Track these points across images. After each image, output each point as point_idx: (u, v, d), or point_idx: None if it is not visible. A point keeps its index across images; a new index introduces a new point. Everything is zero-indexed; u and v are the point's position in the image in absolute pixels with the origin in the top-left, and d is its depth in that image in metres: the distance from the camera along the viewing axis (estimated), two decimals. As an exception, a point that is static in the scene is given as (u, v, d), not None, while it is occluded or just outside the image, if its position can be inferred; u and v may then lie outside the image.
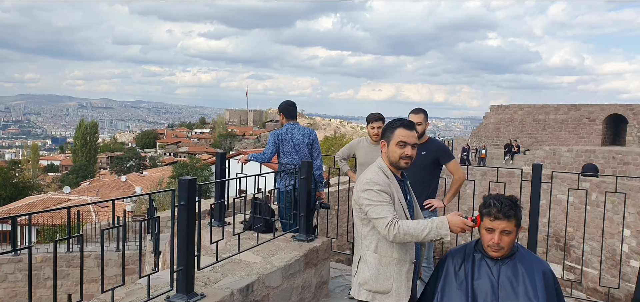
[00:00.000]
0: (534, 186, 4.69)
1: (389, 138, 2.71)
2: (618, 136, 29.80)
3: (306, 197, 4.67)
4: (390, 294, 2.61)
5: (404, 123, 2.71)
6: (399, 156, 2.66)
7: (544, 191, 4.79)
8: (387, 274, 2.62)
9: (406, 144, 2.65)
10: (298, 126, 5.40)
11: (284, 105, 5.48)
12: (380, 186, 2.59)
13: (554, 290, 2.41)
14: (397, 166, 2.71)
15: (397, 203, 2.63)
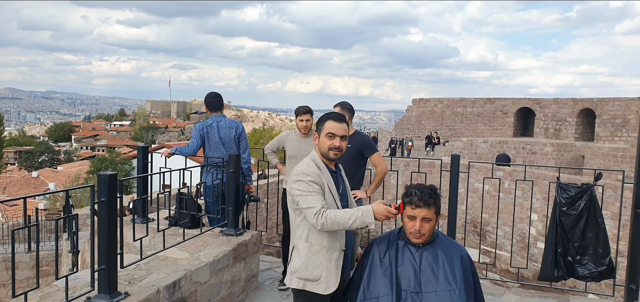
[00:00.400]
0: (452, 176, 4.94)
1: (320, 130, 2.79)
2: (527, 128, 32.02)
3: (234, 191, 4.63)
4: (320, 281, 2.66)
5: (334, 116, 2.79)
6: (328, 147, 2.74)
7: (461, 180, 5.05)
8: (317, 262, 2.68)
9: (335, 135, 2.73)
10: (224, 118, 5.29)
11: (208, 97, 5.35)
12: (311, 176, 2.66)
13: (470, 272, 2.58)
14: (328, 157, 2.78)
15: (328, 193, 2.70)
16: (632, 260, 4.61)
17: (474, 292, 2.56)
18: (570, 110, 28.15)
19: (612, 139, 25.62)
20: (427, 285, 2.48)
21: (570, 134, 27.77)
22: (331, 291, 2.67)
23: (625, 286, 4.70)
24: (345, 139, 2.78)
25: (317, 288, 2.67)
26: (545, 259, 4.73)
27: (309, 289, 2.69)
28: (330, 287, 2.67)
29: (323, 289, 2.67)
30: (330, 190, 2.73)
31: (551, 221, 4.72)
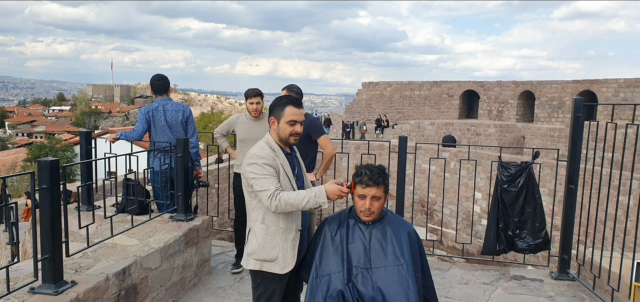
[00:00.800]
0: (400, 157, 5.07)
1: (278, 116, 2.78)
2: (472, 110, 33.11)
3: (183, 176, 4.57)
4: (277, 262, 2.70)
5: (293, 101, 2.79)
6: (289, 133, 2.76)
7: (409, 161, 5.20)
8: (274, 243, 2.71)
9: (296, 122, 2.76)
10: (170, 102, 5.13)
11: (154, 79, 5.18)
12: (265, 159, 2.67)
13: (417, 248, 2.69)
14: (287, 143, 2.80)
15: (283, 176, 2.72)
16: (565, 232, 4.92)
17: (421, 266, 2.67)
18: (512, 93, 29.31)
19: (550, 120, 26.95)
20: (377, 261, 2.57)
21: (512, 116, 28.95)
22: (288, 270, 2.72)
23: (558, 256, 5.02)
24: (303, 123, 2.81)
25: (275, 268, 2.71)
26: (487, 234, 4.97)
27: (266, 269, 2.72)
28: (288, 267, 2.71)
29: (280, 268, 2.71)
30: (285, 172, 2.75)
31: (493, 197, 4.95)
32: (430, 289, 2.79)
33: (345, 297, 2.51)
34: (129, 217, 4.31)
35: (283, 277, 2.78)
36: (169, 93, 5.22)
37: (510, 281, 4.91)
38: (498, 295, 4.56)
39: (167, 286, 4.02)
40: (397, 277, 2.51)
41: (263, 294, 2.80)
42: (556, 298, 4.49)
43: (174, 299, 4.14)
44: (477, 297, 4.49)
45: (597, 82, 25.08)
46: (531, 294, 4.58)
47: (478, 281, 4.88)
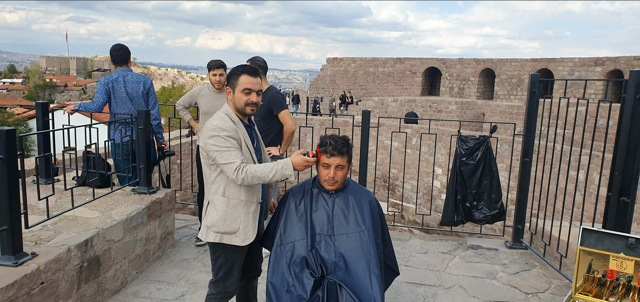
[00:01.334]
0: (363, 131, 5.16)
1: (234, 85, 2.72)
2: (434, 87, 33.65)
3: (145, 148, 4.52)
4: (238, 234, 2.69)
5: (248, 70, 2.72)
6: (244, 102, 2.70)
7: (372, 137, 5.30)
8: (235, 215, 2.69)
9: (251, 90, 2.69)
10: (131, 73, 5.00)
11: (113, 49, 5.03)
12: (227, 131, 2.63)
13: (378, 215, 2.79)
14: (243, 113, 2.74)
15: (245, 148, 2.69)
16: (519, 203, 5.15)
17: (382, 233, 2.78)
18: (473, 70, 29.92)
19: (509, 98, 27.71)
20: (339, 228, 2.65)
21: (472, 93, 29.60)
22: (249, 242, 2.72)
23: (513, 226, 5.25)
24: (260, 93, 2.76)
25: (235, 240, 2.70)
26: (446, 206, 5.15)
27: (227, 241, 2.71)
28: (248, 239, 2.71)
29: (241, 240, 2.70)
30: (246, 144, 2.72)
31: (452, 170, 5.12)
32: (391, 255, 2.90)
33: (309, 263, 2.59)
34: (90, 191, 4.25)
35: (243, 249, 2.79)
36: (129, 64, 5.10)
37: (467, 250, 5.12)
38: (455, 263, 4.75)
39: (131, 258, 4.01)
40: (358, 243, 2.60)
41: (223, 266, 2.80)
42: (509, 265, 4.72)
43: (137, 271, 4.14)
44: (436, 266, 4.67)
45: (554, 60, 25.88)
46: (486, 262, 4.79)
47: (437, 251, 5.07)
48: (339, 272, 2.54)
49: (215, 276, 2.85)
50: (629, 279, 2.78)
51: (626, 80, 3.42)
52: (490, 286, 4.25)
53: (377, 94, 32.51)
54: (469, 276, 4.44)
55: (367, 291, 2.46)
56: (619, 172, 3.49)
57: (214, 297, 2.88)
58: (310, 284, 2.49)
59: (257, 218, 2.75)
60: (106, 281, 3.66)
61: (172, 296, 3.83)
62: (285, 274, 2.56)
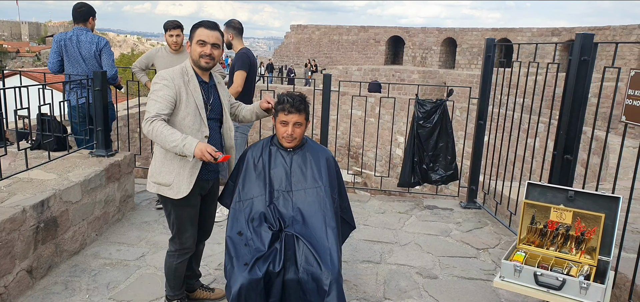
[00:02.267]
0: (324, 94, 5.22)
1: (191, 37, 2.71)
2: (397, 56, 33.90)
3: (102, 110, 4.45)
4: (171, 187, 2.68)
5: (206, 23, 2.70)
6: (198, 54, 2.66)
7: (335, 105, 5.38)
8: (170, 168, 2.68)
9: (206, 42, 2.65)
10: (86, 32, 4.82)
11: (74, 6, 4.88)
12: (166, 80, 2.60)
13: (335, 172, 2.88)
14: (199, 66, 2.69)
15: (190, 105, 2.64)
16: (473, 164, 5.36)
17: (338, 188, 2.87)
18: (435, 40, 30.26)
19: (470, 67, 28.25)
20: (297, 184, 2.73)
21: (434, 62, 30.01)
22: (182, 196, 2.68)
23: (467, 186, 5.47)
24: (217, 47, 2.70)
25: (169, 193, 2.69)
26: (403, 168, 5.31)
27: (162, 193, 2.72)
28: (181, 193, 2.68)
29: (174, 193, 2.68)
30: (195, 101, 2.66)
31: (409, 134, 5.26)
32: (347, 209, 3.01)
33: (267, 218, 2.66)
34: (46, 154, 4.18)
35: (189, 204, 2.76)
36: (89, 23, 4.92)
37: (423, 210, 5.31)
38: (411, 222, 4.93)
39: (90, 220, 3.99)
40: (315, 198, 2.69)
41: (174, 221, 2.82)
42: (463, 224, 4.94)
43: (97, 233, 4.12)
44: (393, 224, 4.83)
45: (514, 30, 26.47)
46: (441, 221, 4.99)
47: (394, 211, 5.24)
48: (296, 226, 2.63)
49: (171, 232, 2.89)
50: (568, 229, 2.98)
51: (572, 41, 3.59)
52: (443, 243, 4.45)
53: (341, 62, 32.52)
54: (424, 234, 4.63)
55: (323, 242, 2.55)
56: (563, 132, 3.68)
57: (172, 254, 2.91)
58: (268, 237, 2.57)
59: (194, 174, 2.69)
60: (64, 242, 3.65)
61: (132, 257, 3.85)
62: (244, 228, 2.63)
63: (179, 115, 2.64)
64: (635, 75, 2.91)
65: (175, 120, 2.64)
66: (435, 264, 3.99)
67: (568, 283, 2.61)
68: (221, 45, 2.74)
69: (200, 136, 2.67)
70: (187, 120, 2.65)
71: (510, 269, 2.78)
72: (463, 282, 3.70)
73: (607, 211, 2.85)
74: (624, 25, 21.90)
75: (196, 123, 2.67)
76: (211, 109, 2.78)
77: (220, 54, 2.76)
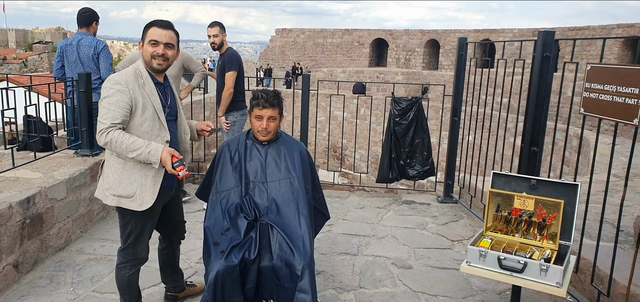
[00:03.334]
0: (303, 93, 5.37)
1: (143, 37, 2.55)
2: (381, 58, 34.19)
3: (87, 111, 4.56)
4: (134, 198, 2.52)
5: (159, 23, 2.56)
6: (150, 54, 2.51)
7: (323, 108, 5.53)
8: (132, 179, 2.52)
9: (158, 43, 2.50)
10: (87, 37, 5.00)
11: (79, 11, 5.11)
12: (120, 85, 2.43)
13: (308, 164, 3.03)
14: (152, 67, 2.54)
15: (148, 109, 2.50)
16: (449, 160, 5.54)
17: (312, 179, 3.02)
18: (418, 41, 30.59)
19: (453, 68, 28.60)
20: (271, 175, 2.87)
21: (418, 64, 30.33)
22: (146, 208, 2.54)
23: (443, 181, 5.65)
24: (171, 47, 2.55)
25: (131, 205, 2.52)
26: (381, 164, 5.47)
27: (125, 206, 2.54)
28: (146, 204, 2.53)
29: (137, 205, 2.53)
30: (152, 104, 2.51)
31: (387, 130, 5.43)
32: (321, 200, 3.16)
33: (243, 208, 2.79)
34: (31, 154, 4.28)
35: (152, 214, 2.64)
36: (92, 28, 5.08)
37: (401, 205, 5.48)
38: (389, 216, 5.10)
39: (75, 217, 4.09)
40: (289, 188, 2.83)
41: (133, 232, 2.64)
42: (439, 217, 5.11)
43: (82, 230, 4.23)
44: (371, 219, 4.99)
45: (495, 31, 26.87)
46: (418, 215, 5.16)
47: (373, 206, 5.40)
48: (271, 215, 2.77)
49: (124, 243, 2.70)
50: (530, 216, 3.16)
51: (535, 40, 3.79)
52: (420, 235, 4.61)
53: (326, 65, 32.72)
54: (401, 227, 4.79)
55: (296, 230, 2.70)
56: (529, 125, 3.87)
57: (124, 266, 2.72)
58: (244, 226, 2.70)
59: (158, 182, 2.56)
60: (50, 238, 3.75)
61: (115, 252, 3.92)
62: (220, 218, 2.76)
63: (136, 120, 2.48)
64: (591, 69, 3.10)
65: (132, 126, 2.48)
66: (410, 255, 4.15)
67: (529, 266, 2.78)
68: (175, 45, 2.59)
69: (160, 141, 2.54)
70: (145, 126, 2.50)
71: (476, 254, 2.95)
72: (436, 271, 3.87)
73: (567, 198, 3.03)
74: (603, 25, 22.36)
75: (155, 128, 2.54)
76: (170, 110, 2.66)
77: (174, 55, 2.61)
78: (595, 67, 3.11)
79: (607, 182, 3.07)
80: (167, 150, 2.44)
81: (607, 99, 2.97)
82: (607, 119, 2.92)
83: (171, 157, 2.44)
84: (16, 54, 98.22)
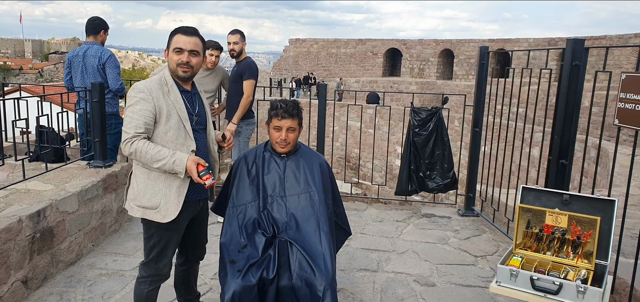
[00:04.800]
0: (320, 103, 5.24)
1: (168, 45, 2.51)
2: (395, 68, 34.03)
3: (100, 121, 4.47)
4: (159, 210, 2.47)
5: (183, 29, 2.50)
6: (175, 63, 2.46)
7: (336, 118, 5.40)
8: (156, 189, 2.47)
9: (182, 50, 2.45)
10: (93, 46, 4.91)
11: (87, 20, 5.05)
12: (143, 93, 2.40)
13: (329, 177, 2.89)
14: (178, 75, 2.49)
15: (173, 117, 2.45)
16: (470, 172, 5.36)
17: (332, 194, 2.88)
18: (432, 51, 30.40)
19: (467, 78, 28.33)
20: (290, 189, 2.74)
21: (432, 73, 30.11)
22: (170, 219, 2.48)
23: (464, 194, 5.47)
24: (196, 54, 2.49)
25: (155, 216, 2.47)
26: (400, 176, 5.30)
27: (149, 217, 2.49)
28: (170, 215, 2.47)
29: (162, 217, 2.47)
30: (177, 112, 2.47)
31: (405, 141, 5.27)
32: (342, 215, 3.01)
33: (260, 224, 2.66)
34: (43, 165, 4.19)
35: (178, 227, 2.58)
36: (99, 37, 5.01)
37: (421, 218, 5.31)
38: (409, 230, 4.93)
39: (86, 231, 3.99)
40: (309, 203, 2.69)
41: (156, 245, 2.57)
42: (461, 231, 4.93)
43: (93, 244, 4.12)
44: (390, 233, 4.83)
45: (510, 41, 26.60)
46: (439, 229, 4.98)
47: (392, 219, 5.23)
48: (290, 231, 2.63)
49: (146, 257, 2.62)
50: (563, 233, 2.98)
51: (564, 49, 3.62)
52: (441, 251, 4.44)
53: (339, 75, 32.64)
54: (422, 242, 4.62)
55: (316, 247, 2.55)
56: (557, 136, 3.70)
57: (145, 281, 2.64)
58: (262, 243, 2.57)
59: (182, 193, 2.49)
60: (60, 252, 3.64)
61: (128, 267, 3.84)
62: (237, 234, 2.62)
63: (160, 129, 2.45)
64: (626, 78, 2.93)
65: (157, 135, 2.45)
66: (433, 272, 3.98)
67: (565, 287, 2.60)
68: (201, 52, 2.53)
69: (186, 151, 2.48)
70: (170, 135, 2.46)
71: (507, 273, 2.78)
72: (461, 289, 3.69)
73: (603, 214, 2.84)
74: (620, 34, 22.01)
75: (180, 137, 2.48)
76: (198, 119, 2.60)
77: (200, 62, 2.56)
78: (630, 77, 2.94)
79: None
80: (192, 158, 2.39)
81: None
82: (646, 130, 2.75)
83: (197, 166, 2.38)
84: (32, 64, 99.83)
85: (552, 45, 23.99)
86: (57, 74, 47.94)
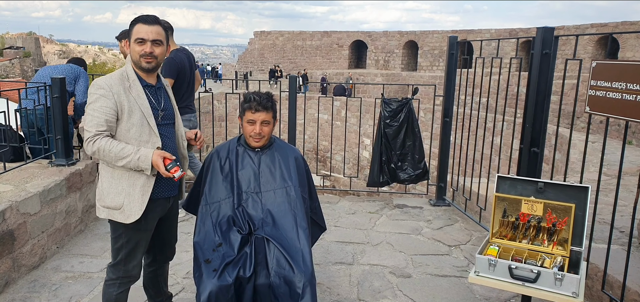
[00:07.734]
0: (290, 95, 5.16)
1: (129, 36, 2.38)
2: (361, 60, 34.17)
3: (61, 118, 4.26)
4: (122, 210, 2.37)
5: (144, 18, 2.36)
6: (138, 54, 2.34)
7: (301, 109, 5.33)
8: (119, 189, 2.38)
9: (145, 40, 2.32)
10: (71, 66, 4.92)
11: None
12: (103, 90, 2.29)
13: (304, 171, 2.82)
14: (141, 67, 2.37)
15: (135, 113, 2.35)
16: (441, 162, 5.39)
17: (308, 188, 2.81)
18: (397, 43, 30.64)
19: (432, 69, 28.72)
20: (266, 185, 2.65)
21: (397, 65, 30.38)
22: (134, 220, 2.38)
23: (436, 184, 5.50)
24: (159, 44, 2.36)
25: (119, 217, 2.38)
26: (372, 168, 5.29)
27: (113, 218, 2.40)
28: (134, 216, 2.37)
29: (125, 217, 2.37)
30: (139, 107, 2.35)
31: (376, 133, 5.26)
32: (317, 209, 2.95)
33: (236, 221, 2.57)
34: (1, 165, 3.97)
35: (145, 227, 2.48)
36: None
37: (393, 209, 5.31)
38: (382, 221, 4.92)
39: (50, 232, 3.80)
40: (285, 198, 2.61)
41: (125, 246, 2.47)
42: (433, 221, 4.95)
43: (58, 246, 3.93)
44: (363, 225, 4.80)
45: (473, 32, 27.06)
46: (412, 219, 4.99)
47: (364, 211, 5.21)
48: (266, 228, 2.55)
49: (114, 258, 2.51)
50: (539, 221, 3.00)
51: (533, 37, 3.65)
52: (415, 241, 4.44)
53: (305, 67, 32.54)
54: (396, 233, 4.61)
55: (294, 243, 2.48)
56: (529, 125, 3.74)
57: (113, 283, 2.53)
58: (237, 240, 2.47)
59: (147, 193, 2.39)
60: (22, 256, 3.46)
61: (96, 269, 3.68)
62: (211, 233, 2.53)
63: (122, 126, 2.34)
64: (597, 66, 2.97)
65: (119, 132, 2.35)
66: (408, 263, 3.97)
67: (543, 275, 2.61)
68: (164, 41, 2.41)
69: (151, 147, 2.37)
70: (132, 132, 2.35)
71: (485, 263, 2.77)
72: (437, 279, 3.70)
73: (577, 201, 2.88)
74: (577, 24, 22.70)
75: (144, 134, 2.37)
76: (164, 114, 2.49)
77: (164, 52, 2.43)
78: (601, 64, 2.99)
79: (618, 184, 2.93)
80: (157, 153, 2.30)
81: (615, 96, 2.85)
82: (615, 117, 2.79)
83: (163, 160, 2.29)
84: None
85: (513, 35, 24.55)
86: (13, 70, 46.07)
